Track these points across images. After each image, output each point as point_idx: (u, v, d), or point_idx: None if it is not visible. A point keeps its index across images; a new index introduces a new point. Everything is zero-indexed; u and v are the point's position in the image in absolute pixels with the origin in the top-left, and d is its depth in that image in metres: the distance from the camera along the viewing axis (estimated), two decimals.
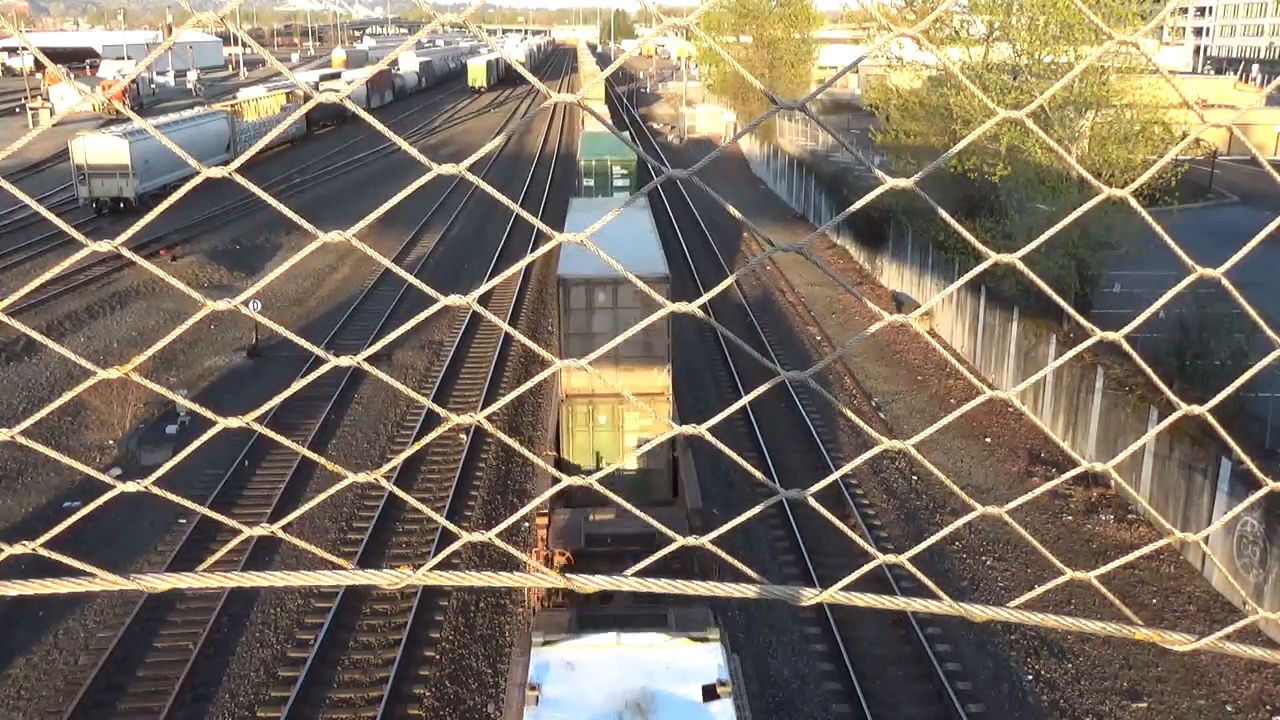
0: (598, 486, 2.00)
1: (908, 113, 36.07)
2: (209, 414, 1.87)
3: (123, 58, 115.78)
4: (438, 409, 1.85)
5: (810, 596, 2.10)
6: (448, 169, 1.75)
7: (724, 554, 2.12)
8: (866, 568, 2.17)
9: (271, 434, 1.97)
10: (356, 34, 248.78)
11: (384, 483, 1.89)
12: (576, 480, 2.00)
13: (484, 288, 2.11)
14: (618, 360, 17.62)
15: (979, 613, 2.15)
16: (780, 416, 26.68)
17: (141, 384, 1.85)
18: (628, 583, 2.13)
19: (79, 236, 1.72)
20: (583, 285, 17.97)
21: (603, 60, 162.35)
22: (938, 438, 24.57)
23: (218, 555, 2.19)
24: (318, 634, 17.60)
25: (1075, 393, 24.57)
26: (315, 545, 1.96)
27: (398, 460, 2.27)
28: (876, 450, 2.06)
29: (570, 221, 24.55)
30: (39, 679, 16.56)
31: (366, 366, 1.80)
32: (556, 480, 2.03)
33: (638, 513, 2.30)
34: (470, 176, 1.77)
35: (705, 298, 1.93)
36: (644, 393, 17.80)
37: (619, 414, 18.22)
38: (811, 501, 2.00)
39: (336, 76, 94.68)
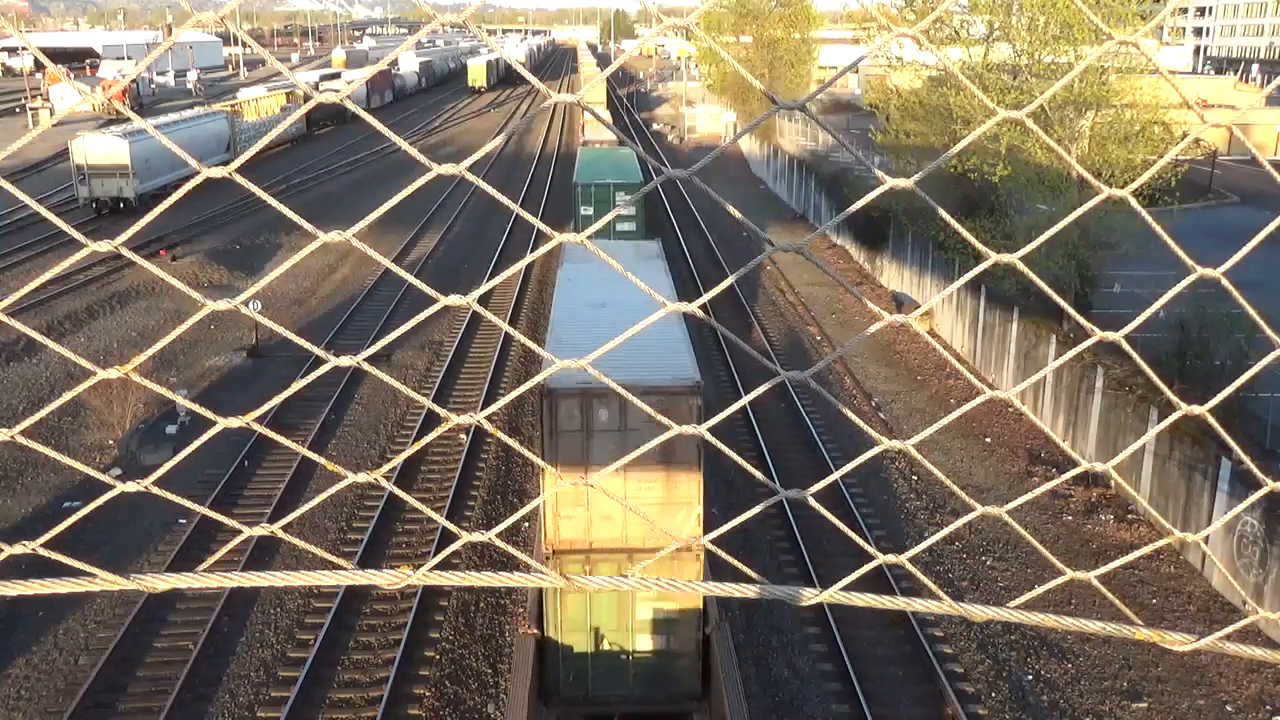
0: (600, 488, 1.99)
1: (908, 113, 36.04)
2: (209, 414, 1.87)
3: (123, 58, 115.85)
4: (438, 409, 1.85)
5: (810, 596, 2.10)
6: (448, 169, 1.75)
7: (724, 554, 2.12)
8: (866, 568, 2.17)
9: (271, 434, 1.97)
10: (356, 34, 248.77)
11: (384, 483, 1.89)
12: (574, 480, 1.99)
13: (484, 288, 2.11)
14: (628, 501, 13.50)
15: (979, 613, 2.15)
16: (780, 416, 26.69)
17: (141, 384, 1.85)
18: (628, 583, 2.13)
19: (79, 236, 1.72)
20: (576, 399, 13.35)
21: (603, 60, 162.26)
22: (938, 438, 24.57)
23: (218, 555, 2.19)
24: (318, 634, 17.60)
25: (1075, 393, 24.57)
26: (315, 545, 1.96)
27: (398, 460, 2.26)
28: (876, 450, 2.06)
29: (563, 279, 19.79)
30: (39, 679, 16.56)
31: (366, 366, 1.80)
32: (553, 480, 2.00)
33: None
34: (470, 177, 1.77)
35: (705, 297, 1.93)
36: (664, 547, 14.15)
37: None
38: (811, 501, 2.00)
39: (336, 76, 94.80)
